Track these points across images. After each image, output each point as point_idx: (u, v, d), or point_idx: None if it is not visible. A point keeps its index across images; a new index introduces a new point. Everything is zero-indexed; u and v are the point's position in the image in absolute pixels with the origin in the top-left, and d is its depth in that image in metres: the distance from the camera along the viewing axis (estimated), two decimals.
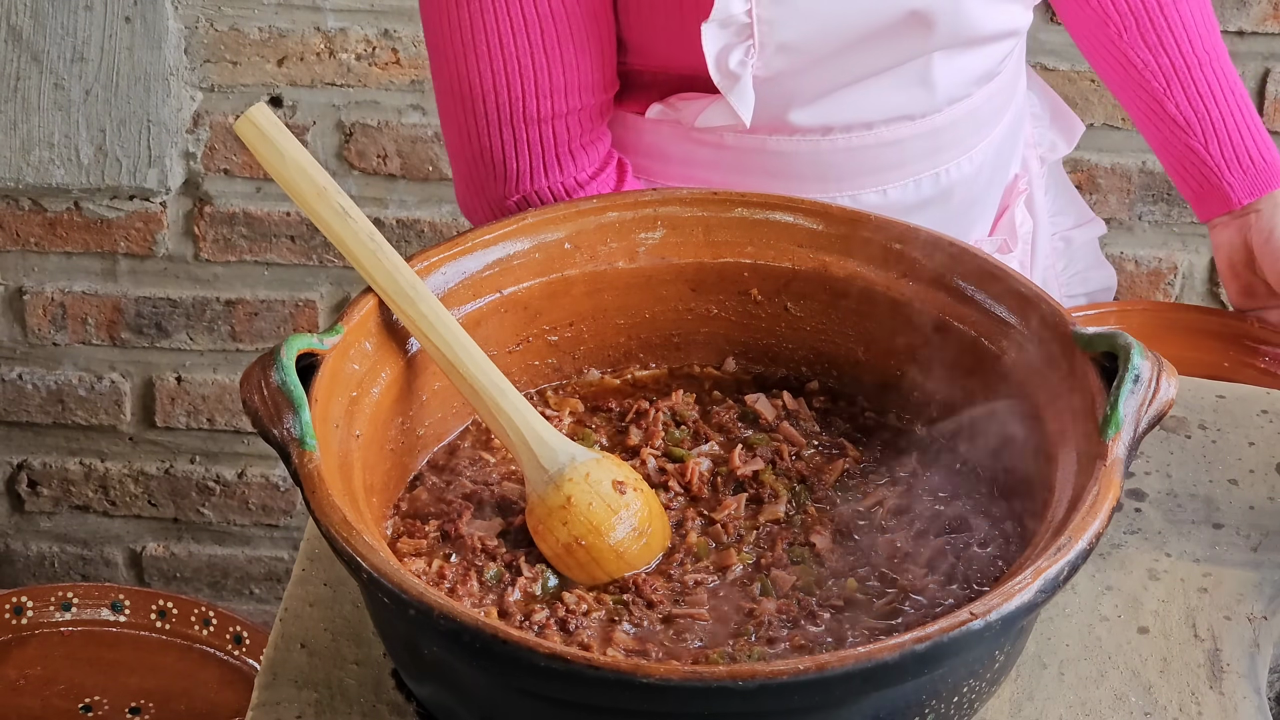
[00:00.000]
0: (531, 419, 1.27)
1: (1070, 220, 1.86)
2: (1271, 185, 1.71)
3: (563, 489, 1.25)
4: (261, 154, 1.27)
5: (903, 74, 1.56)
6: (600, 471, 1.27)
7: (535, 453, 1.26)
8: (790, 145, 1.57)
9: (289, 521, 2.75)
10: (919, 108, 1.58)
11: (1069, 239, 1.85)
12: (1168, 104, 1.71)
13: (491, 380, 1.27)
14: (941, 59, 1.56)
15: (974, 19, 1.55)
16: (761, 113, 1.54)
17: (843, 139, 1.57)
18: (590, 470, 1.26)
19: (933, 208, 1.62)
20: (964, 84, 1.59)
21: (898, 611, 1.21)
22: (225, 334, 2.62)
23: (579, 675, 1.05)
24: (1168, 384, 1.22)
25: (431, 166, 2.51)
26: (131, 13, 2.41)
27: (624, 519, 1.26)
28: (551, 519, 1.25)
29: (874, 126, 1.58)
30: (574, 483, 1.26)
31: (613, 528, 1.25)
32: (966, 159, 1.64)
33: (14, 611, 2.43)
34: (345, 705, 1.22)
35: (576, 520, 1.25)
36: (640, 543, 1.26)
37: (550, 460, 1.26)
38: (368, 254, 1.27)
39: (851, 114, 1.56)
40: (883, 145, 1.59)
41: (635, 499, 1.26)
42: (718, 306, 1.40)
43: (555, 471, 1.26)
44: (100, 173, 2.48)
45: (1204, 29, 1.72)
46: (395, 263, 1.27)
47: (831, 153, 1.58)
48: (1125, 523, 1.39)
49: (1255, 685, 1.27)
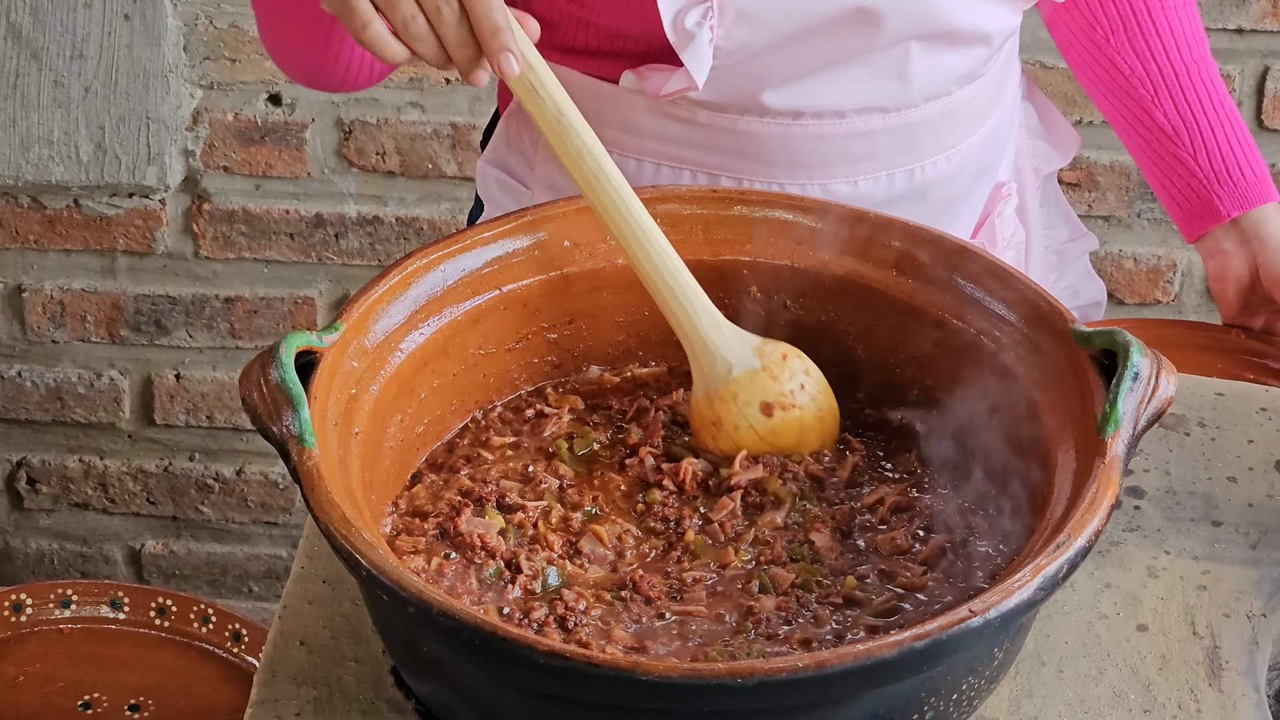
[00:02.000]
0: (700, 320, 1.33)
1: (1064, 235, 1.85)
2: (1262, 199, 1.69)
3: (714, 406, 1.32)
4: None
5: (878, 65, 1.55)
6: (750, 391, 1.32)
7: (699, 356, 1.32)
8: (761, 127, 1.56)
9: (288, 519, 2.75)
10: (893, 101, 1.57)
11: (1061, 253, 1.84)
12: (1155, 112, 1.70)
13: (667, 274, 1.32)
14: (919, 54, 1.55)
15: (937, 14, 1.53)
16: (733, 91, 1.53)
17: (814, 125, 1.57)
18: (740, 390, 1.31)
19: (907, 204, 1.61)
20: (942, 82, 1.58)
21: (896, 609, 1.22)
22: (224, 331, 2.62)
23: (578, 673, 1.05)
24: (1167, 381, 1.22)
25: (430, 164, 2.51)
26: (131, 10, 2.41)
27: (772, 442, 1.32)
28: (703, 434, 1.33)
29: (846, 115, 1.57)
30: (725, 402, 1.32)
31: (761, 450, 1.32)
32: (944, 159, 1.63)
33: (13, 609, 2.43)
34: (344, 703, 1.22)
35: (725, 439, 1.32)
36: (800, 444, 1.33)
37: (710, 368, 1.32)
38: (555, 134, 1.31)
39: (823, 100, 1.56)
40: (854, 135, 1.58)
41: (786, 414, 1.32)
42: (716, 304, 1.40)
43: (713, 383, 1.32)
44: (99, 170, 2.48)
45: (1192, 38, 1.71)
46: (581, 146, 1.31)
47: (802, 139, 1.57)
48: (1124, 520, 1.39)
49: (1254, 683, 1.27)
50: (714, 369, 1.32)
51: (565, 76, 1.58)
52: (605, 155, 1.31)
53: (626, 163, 1.59)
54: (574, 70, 1.58)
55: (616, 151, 1.59)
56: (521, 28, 1.30)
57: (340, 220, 2.55)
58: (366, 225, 2.55)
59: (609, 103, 1.59)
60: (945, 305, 1.35)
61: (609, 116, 1.59)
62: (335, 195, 2.54)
